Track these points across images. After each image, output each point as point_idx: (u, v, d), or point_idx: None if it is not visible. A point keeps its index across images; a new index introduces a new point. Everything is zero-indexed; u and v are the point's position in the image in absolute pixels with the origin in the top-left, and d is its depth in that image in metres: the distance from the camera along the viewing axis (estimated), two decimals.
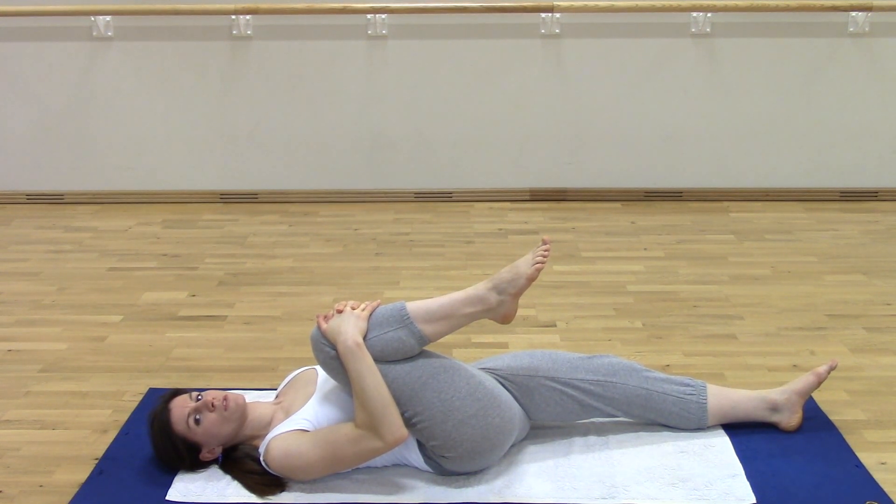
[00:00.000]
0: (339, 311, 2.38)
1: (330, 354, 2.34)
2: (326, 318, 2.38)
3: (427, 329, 2.37)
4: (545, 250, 2.43)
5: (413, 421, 2.33)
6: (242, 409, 2.43)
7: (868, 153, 4.83)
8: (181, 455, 2.41)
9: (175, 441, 2.39)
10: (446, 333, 2.42)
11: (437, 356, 2.42)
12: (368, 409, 2.26)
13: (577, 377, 2.52)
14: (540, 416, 2.55)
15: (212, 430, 2.39)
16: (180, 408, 2.40)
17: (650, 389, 2.56)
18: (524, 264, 2.43)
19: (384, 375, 2.31)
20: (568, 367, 2.54)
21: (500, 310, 2.45)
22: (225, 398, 2.40)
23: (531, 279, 2.41)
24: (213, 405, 2.37)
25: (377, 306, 2.42)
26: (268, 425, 2.44)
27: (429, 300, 2.42)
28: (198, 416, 2.38)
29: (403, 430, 2.28)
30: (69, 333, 3.36)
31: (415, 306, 2.39)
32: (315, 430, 2.36)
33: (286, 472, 2.36)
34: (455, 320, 2.41)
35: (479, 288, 2.43)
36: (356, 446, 2.29)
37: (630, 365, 2.59)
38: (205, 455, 2.42)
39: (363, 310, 2.38)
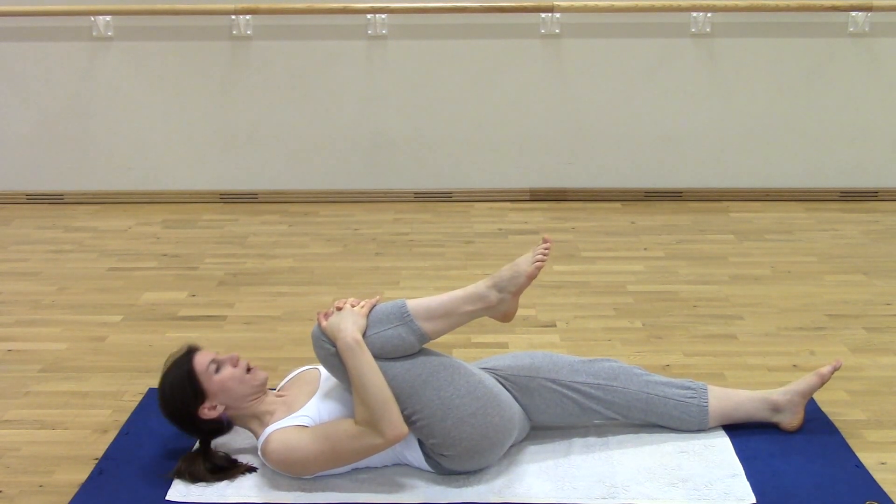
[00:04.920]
0: (339, 309, 2.38)
1: (330, 351, 2.34)
2: (326, 315, 2.39)
3: (427, 326, 2.37)
4: (546, 248, 2.43)
5: (412, 419, 2.33)
6: (262, 384, 2.44)
7: (868, 153, 4.83)
8: (187, 400, 2.37)
9: (187, 381, 2.37)
10: (446, 331, 2.43)
11: (437, 354, 2.42)
12: (368, 405, 2.27)
13: (577, 380, 2.52)
14: (540, 418, 2.55)
15: (226, 384, 2.39)
16: (205, 353, 2.43)
17: (651, 393, 2.56)
18: (524, 262, 2.43)
19: (384, 373, 2.31)
20: (569, 369, 2.53)
21: (501, 308, 2.45)
22: (250, 365, 2.45)
23: (531, 277, 2.42)
24: (236, 362, 2.42)
25: (376, 303, 2.42)
26: (270, 415, 2.43)
27: (429, 298, 2.42)
28: (219, 366, 2.40)
29: (403, 427, 2.28)
30: (69, 333, 3.36)
31: (415, 304, 2.39)
32: (315, 425, 2.36)
33: (284, 466, 2.36)
34: (455, 318, 2.42)
35: (479, 286, 2.44)
36: (356, 442, 2.29)
37: (630, 369, 2.58)
38: (205, 410, 2.38)
39: (362, 307, 2.39)
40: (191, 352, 2.44)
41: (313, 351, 2.39)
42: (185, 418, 2.41)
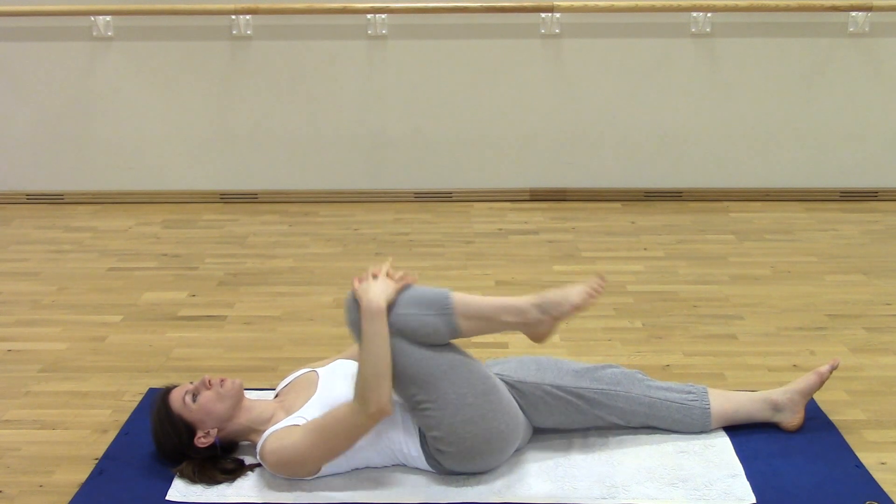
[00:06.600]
0: (375, 276, 2.38)
1: (357, 317, 2.35)
2: (361, 280, 2.39)
3: (463, 324, 2.36)
4: (600, 285, 2.39)
5: (422, 406, 2.33)
6: (238, 390, 2.46)
7: (868, 153, 4.83)
8: (178, 439, 2.42)
9: (169, 423, 2.41)
10: (479, 334, 2.42)
11: (460, 351, 2.42)
12: (364, 373, 2.28)
13: (581, 385, 2.52)
14: (543, 423, 2.55)
15: (207, 406, 2.41)
16: (179, 390, 2.46)
17: (653, 397, 2.56)
18: (575, 292, 2.37)
19: (408, 354, 2.31)
20: (573, 375, 2.54)
21: (537, 328, 2.41)
22: (221, 378, 2.46)
23: (577, 308, 2.37)
24: (209, 383, 2.44)
25: (413, 282, 2.40)
26: (267, 421, 2.45)
27: (473, 297, 2.40)
28: (194, 394, 2.42)
29: (389, 406, 2.28)
30: (69, 333, 3.36)
31: (459, 299, 2.37)
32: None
33: (281, 466, 2.37)
34: (492, 324, 2.40)
35: (523, 300, 2.40)
36: (342, 424, 2.30)
37: (633, 374, 2.59)
38: (200, 440, 2.42)
39: (399, 280, 2.38)
40: (164, 395, 2.47)
41: (344, 316, 2.39)
42: (185, 455, 2.43)
